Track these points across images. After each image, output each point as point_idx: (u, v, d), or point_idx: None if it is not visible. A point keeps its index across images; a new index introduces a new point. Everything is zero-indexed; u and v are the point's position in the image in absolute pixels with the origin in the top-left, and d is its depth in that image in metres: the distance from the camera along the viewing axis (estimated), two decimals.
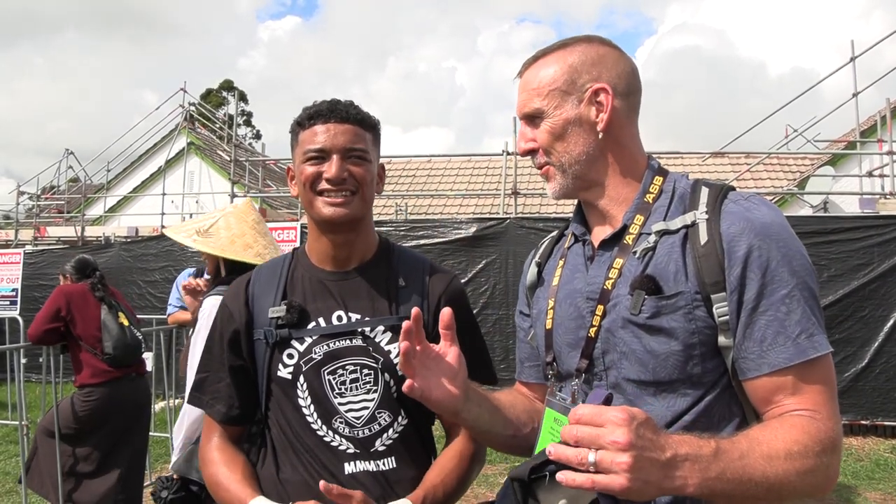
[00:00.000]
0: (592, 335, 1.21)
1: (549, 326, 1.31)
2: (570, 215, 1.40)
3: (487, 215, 10.41)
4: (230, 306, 1.54)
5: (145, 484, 4.36)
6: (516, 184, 8.98)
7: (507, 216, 7.93)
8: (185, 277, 5.04)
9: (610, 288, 1.20)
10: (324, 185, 1.42)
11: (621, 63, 1.26)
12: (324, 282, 1.50)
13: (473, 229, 7.67)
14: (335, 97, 1.51)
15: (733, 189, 1.21)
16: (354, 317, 1.46)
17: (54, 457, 3.79)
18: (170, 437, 5.73)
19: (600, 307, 1.20)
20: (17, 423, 4.16)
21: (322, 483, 1.28)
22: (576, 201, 1.37)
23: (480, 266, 7.53)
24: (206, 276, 4.87)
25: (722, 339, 1.12)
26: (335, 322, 1.45)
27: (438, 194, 13.61)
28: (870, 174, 9.84)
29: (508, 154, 9.16)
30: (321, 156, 1.43)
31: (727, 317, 1.10)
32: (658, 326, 1.13)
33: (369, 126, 1.48)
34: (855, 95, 9.40)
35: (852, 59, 9.30)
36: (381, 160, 1.59)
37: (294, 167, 1.50)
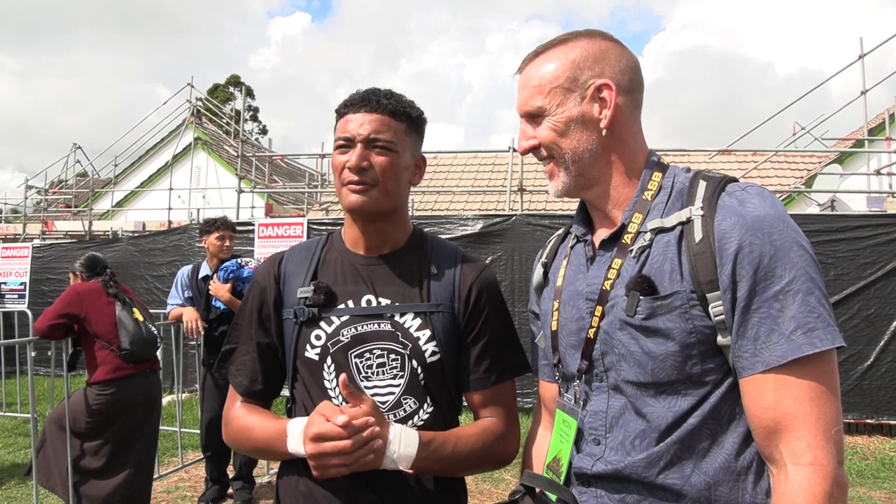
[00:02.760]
0: (591, 336, 1.20)
1: (554, 328, 1.31)
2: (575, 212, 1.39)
3: (493, 212, 10.42)
4: (261, 283, 1.55)
5: (154, 478, 4.40)
6: (522, 180, 8.98)
7: (513, 213, 7.93)
8: (184, 275, 5.07)
9: (608, 289, 1.18)
10: (346, 174, 1.43)
11: (624, 58, 1.23)
12: (355, 265, 1.51)
13: (479, 226, 7.68)
14: (375, 87, 1.50)
15: (734, 181, 1.16)
16: (384, 302, 1.46)
17: (64, 451, 3.81)
18: (177, 431, 5.78)
19: (599, 308, 1.19)
20: (26, 415, 4.19)
21: (343, 376, 1.31)
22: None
23: (486, 262, 7.52)
24: (208, 272, 4.93)
25: (720, 339, 1.09)
26: (364, 305, 1.46)
27: (444, 190, 13.60)
28: (878, 172, 9.78)
29: (515, 151, 9.15)
30: (347, 144, 1.44)
31: (723, 316, 1.07)
32: (654, 327, 1.11)
33: (402, 116, 1.47)
34: (863, 93, 9.36)
35: (861, 57, 9.26)
36: None
37: None
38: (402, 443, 1.33)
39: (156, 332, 4.04)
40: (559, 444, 1.28)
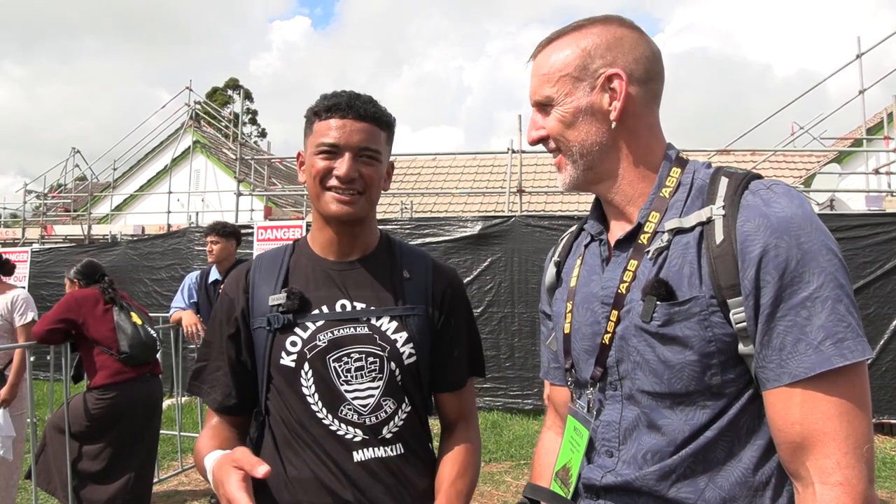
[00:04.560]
0: (606, 342, 1.14)
1: (567, 331, 1.25)
2: (576, 213, 1.37)
3: (492, 213, 10.41)
4: (230, 295, 1.53)
5: (153, 482, 4.39)
6: (521, 181, 8.98)
7: (513, 214, 7.92)
8: (193, 280, 5.08)
9: (624, 292, 1.12)
10: (333, 182, 1.43)
11: (640, 46, 1.15)
12: (327, 271, 1.50)
13: (479, 227, 7.67)
14: (353, 90, 1.49)
15: (758, 178, 1.08)
16: (359, 306, 1.46)
17: (64, 454, 3.81)
18: (177, 435, 5.77)
19: (614, 313, 1.13)
20: (27, 419, 4.18)
21: None
22: (583, 198, 1.33)
23: (486, 264, 7.53)
24: (217, 277, 4.93)
25: (742, 347, 1.02)
26: (339, 310, 1.46)
27: (444, 192, 13.61)
28: (876, 171, 9.79)
29: (513, 152, 9.16)
30: (333, 151, 1.42)
31: (745, 323, 1.00)
32: (671, 335, 1.05)
33: (384, 125, 1.48)
34: (861, 92, 9.37)
35: (859, 56, 9.27)
36: None
37: (305, 155, 1.50)
38: None
39: (155, 335, 4.04)
40: (569, 453, 1.23)
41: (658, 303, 1.05)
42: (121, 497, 3.78)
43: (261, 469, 1.22)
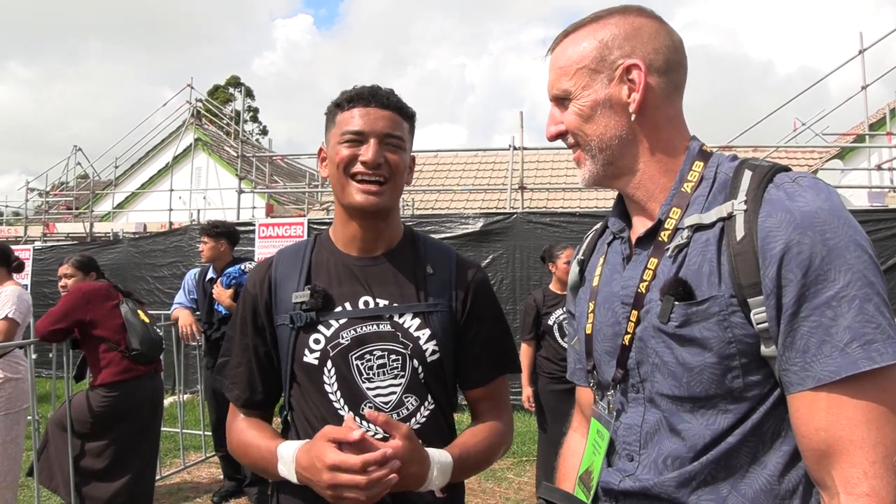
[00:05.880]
0: (626, 343, 1.10)
1: (588, 331, 1.22)
2: (577, 210, 1.35)
3: (494, 210, 10.41)
4: (252, 290, 1.53)
5: (156, 479, 4.39)
6: (523, 178, 8.97)
7: (514, 211, 7.92)
8: (191, 278, 5.08)
9: (644, 291, 1.08)
10: (358, 169, 1.42)
11: (660, 36, 1.11)
12: (350, 267, 1.49)
13: (480, 224, 7.67)
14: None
15: (784, 170, 1.02)
16: (382, 302, 1.45)
17: (66, 452, 3.80)
18: (180, 432, 5.78)
19: (634, 313, 1.09)
20: (28, 417, 4.18)
21: (368, 411, 1.30)
22: (584, 194, 1.31)
23: (487, 261, 7.53)
24: (213, 275, 4.93)
25: (764, 349, 0.97)
26: (361, 307, 1.45)
27: (445, 189, 13.61)
28: (879, 167, 9.78)
29: (515, 149, 9.15)
30: (359, 139, 1.42)
31: (767, 324, 0.95)
32: (689, 336, 1.01)
33: (407, 115, 1.49)
34: (864, 88, 9.36)
35: (861, 52, 9.25)
36: None
37: (327, 148, 1.49)
38: (440, 472, 1.34)
39: (161, 333, 4.05)
40: (592, 456, 1.20)
41: (676, 303, 1.02)
42: (124, 494, 3.78)
43: (355, 433, 1.26)
